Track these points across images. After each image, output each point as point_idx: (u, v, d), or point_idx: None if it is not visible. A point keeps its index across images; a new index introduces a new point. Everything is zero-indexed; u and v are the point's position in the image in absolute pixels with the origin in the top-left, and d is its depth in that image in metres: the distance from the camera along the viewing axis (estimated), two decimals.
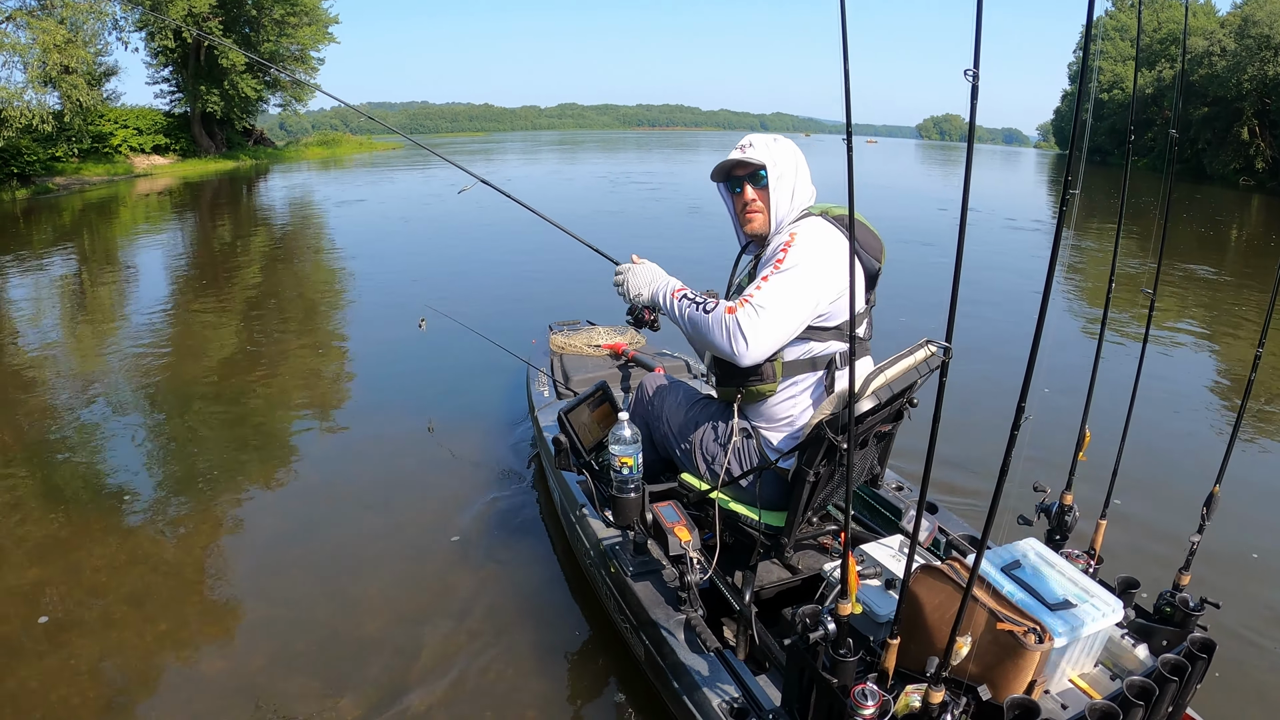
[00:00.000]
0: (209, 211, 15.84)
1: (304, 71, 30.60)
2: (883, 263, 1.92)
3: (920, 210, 15.55)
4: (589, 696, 2.25)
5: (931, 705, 1.32)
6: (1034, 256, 10.11)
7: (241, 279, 8.73)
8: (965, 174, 1.05)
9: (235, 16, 27.01)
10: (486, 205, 12.65)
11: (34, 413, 4.55)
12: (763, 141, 1.92)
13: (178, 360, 5.54)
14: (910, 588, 1.48)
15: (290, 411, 4.57)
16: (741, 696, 1.71)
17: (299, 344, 5.95)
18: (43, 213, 15.00)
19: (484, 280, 8.07)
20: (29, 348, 6.06)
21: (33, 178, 18.07)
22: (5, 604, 2.67)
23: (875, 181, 22.68)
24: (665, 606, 1.99)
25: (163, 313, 7.09)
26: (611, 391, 2.62)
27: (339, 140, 39.73)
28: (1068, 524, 1.91)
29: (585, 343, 3.73)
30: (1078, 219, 15.38)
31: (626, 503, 2.08)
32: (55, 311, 7.41)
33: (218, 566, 2.95)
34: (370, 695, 2.23)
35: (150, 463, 3.90)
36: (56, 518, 3.24)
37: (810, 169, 1.93)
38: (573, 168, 27.96)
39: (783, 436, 1.94)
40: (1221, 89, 29.91)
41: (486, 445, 3.87)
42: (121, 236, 12.57)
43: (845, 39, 1.12)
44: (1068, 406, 2.02)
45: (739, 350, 1.71)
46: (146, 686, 2.30)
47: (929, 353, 1.64)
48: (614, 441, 2.05)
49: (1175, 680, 1.42)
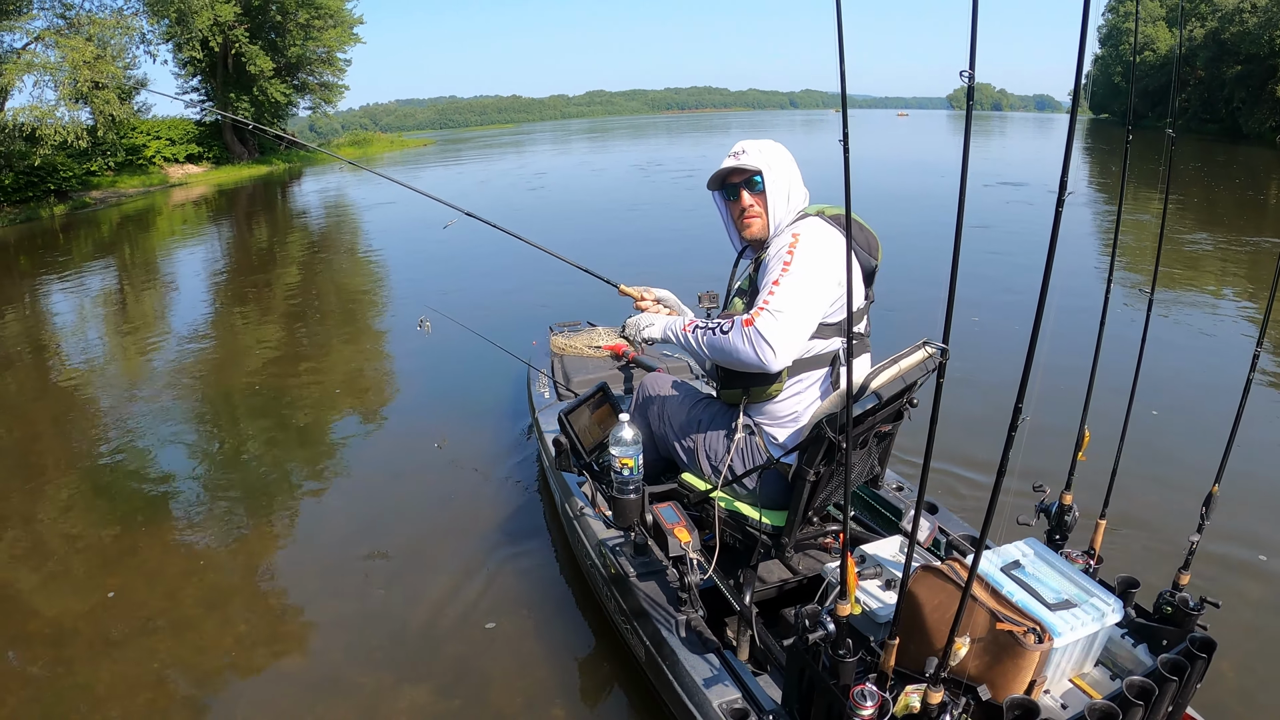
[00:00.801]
0: (245, 217, 16.02)
1: (331, 73, 31.30)
2: (879, 259, 1.94)
3: (951, 186, 15.13)
4: (589, 696, 2.26)
5: (931, 705, 1.32)
6: (1089, 236, 9.71)
7: (280, 282, 8.88)
8: (962, 178, 1.05)
9: (260, 23, 27.32)
10: (518, 206, 12.89)
11: (84, 422, 4.67)
12: (755, 147, 1.94)
13: (221, 365, 5.68)
14: (910, 588, 1.48)
15: (304, 414, 4.58)
16: (741, 696, 1.71)
17: (317, 351, 5.96)
18: (81, 227, 15.22)
19: (503, 281, 8.01)
20: (76, 360, 6.20)
21: (69, 193, 18.28)
22: (80, 610, 2.73)
23: (912, 158, 22.08)
24: (665, 607, 1.99)
25: (204, 319, 7.25)
26: (612, 392, 2.62)
27: (370, 139, 40.13)
28: (1067, 524, 1.91)
29: (586, 344, 3.73)
30: (1114, 185, 15.29)
31: (627, 504, 2.08)
32: (99, 323, 7.57)
33: (274, 566, 3.01)
34: (365, 696, 2.23)
35: (203, 467, 3.97)
36: (117, 525, 3.31)
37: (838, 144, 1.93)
38: (603, 157, 27.85)
39: (787, 433, 1.94)
40: (1254, 46, 29.15)
41: (487, 446, 3.88)
42: (160, 246, 12.75)
43: (841, 44, 1.12)
44: (1156, 423, 1.98)
45: (766, 357, 1.72)
46: (230, 683, 2.36)
47: (927, 354, 1.64)
48: (614, 443, 2.05)
49: (1175, 680, 1.42)
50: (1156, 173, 17.22)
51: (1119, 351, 1.86)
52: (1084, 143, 28.78)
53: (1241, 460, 1.91)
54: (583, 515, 2.45)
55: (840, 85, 1.12)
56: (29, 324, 7.76)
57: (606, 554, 2.24)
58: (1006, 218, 10.35)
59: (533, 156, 29.15)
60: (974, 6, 0.98)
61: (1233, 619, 2.41)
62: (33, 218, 16.35)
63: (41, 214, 16.68)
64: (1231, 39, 30.28)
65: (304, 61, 29.91)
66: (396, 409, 4.55)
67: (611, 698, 2.25)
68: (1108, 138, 30.45)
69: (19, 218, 16.13)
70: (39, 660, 2.48)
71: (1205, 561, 2.50)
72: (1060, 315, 1.71)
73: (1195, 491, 1.76)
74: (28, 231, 14.92)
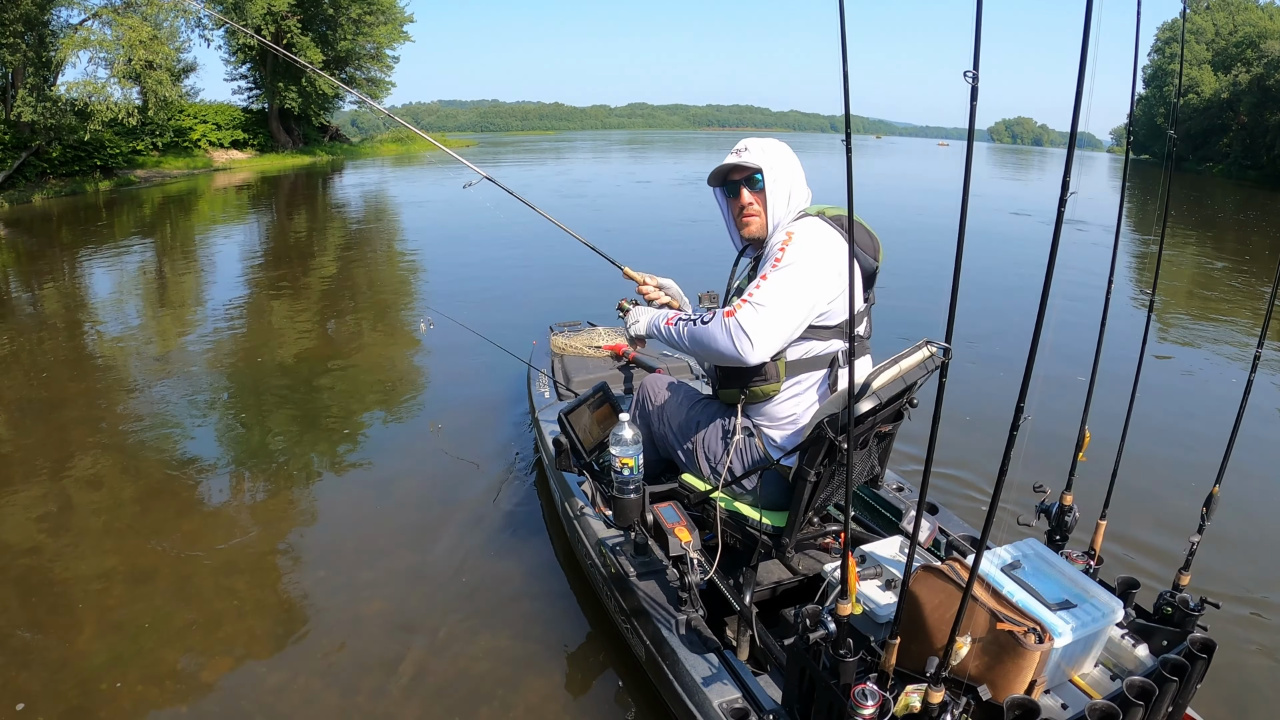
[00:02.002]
0: (285, 205, 16.15)
1: (379, 69, 31.66)
2: (880, 261, 1.93)
3: (995, 217, 14.45)
4: (590, 697, 2.26)
5: (931, 705, 1.33)
6: (1130, 269, 9.70)
7: (317, 270, 9.00)
8: (964, 179, 1.06)
9: (313, 15, 27.55)
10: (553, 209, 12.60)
11: (118, 397, 4.78)
12: (758, 145, 1.94)
13: (254, 347, 5.77)
14: (910, 588, 1.48)
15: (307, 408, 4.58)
16: (741, 696, 1.71)
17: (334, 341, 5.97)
18: (124, 204, 15.48)
19: (538, 278, 7.97)
20: (113, 334, 6.38)
21: (115, 170, 18.61)
22: (124, 576, 2.84)
23: (955, 186, 21.89)
24: (666, 607, 1.99)
25: (239, 302, 7.37)
26: (612, 392, 2.62)
27: (414, 137, 39.93)
28: (1067, 524, 1.91)
29: (586, 344, 3.74)
30: (1152, 222, 15.27)
31: (627, 503, 2.08)
32: (137, 299, 7.73)
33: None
34: (366, 693, 2.23)
35: (229, 444, 4.09)
36: (149, 498, 3.43)
37: (883, 169, 1.95)
38: (646, 168, 27.64)
39: (786, 435, 1.94)
40: None
41: (487, 446, 3.88)
42: (200, 228, 12.92)
43: (844, 43, 1.12)
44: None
45: (744, 349, 1.72)
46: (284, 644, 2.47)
47: (929, 353, 1.64)
48: (614, 442, 2.05)
49: (1175, 680, 1.43)
50: (1195, 212, 17.20)
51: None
52: (1123, 181, 28.57)
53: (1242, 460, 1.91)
54: (583, 515, 2.45)
55: (844, 88, 1.13)
56: (68, 295, 7.96)
57: (607, 554, 2.24)
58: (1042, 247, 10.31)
59: (573, 163, 29.15)
60: (977, 9, 0.98)
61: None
62: (78, 191, 16.65)
63: (86, 188, 16.97)
64: (1276, 86, 30.02)
65: (353, 56, 30.25)
66: (403, 408, 4.55)
67: (611, 697, 2.25)
68: (1146, 178, 30.22)
69: (65, 190, 16.41)
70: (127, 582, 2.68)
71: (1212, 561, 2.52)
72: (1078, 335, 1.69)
73: (1196, 492, 1.76)
74: (72, 205, 15.12)
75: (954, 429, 3.77)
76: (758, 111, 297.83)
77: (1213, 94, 39.67)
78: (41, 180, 16.39)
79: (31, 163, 16.14)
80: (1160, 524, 3.04)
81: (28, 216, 13.78)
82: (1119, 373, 1.91)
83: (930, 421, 1.22)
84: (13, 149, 15.61)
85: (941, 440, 1.25)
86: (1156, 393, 4.61)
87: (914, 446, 3.31)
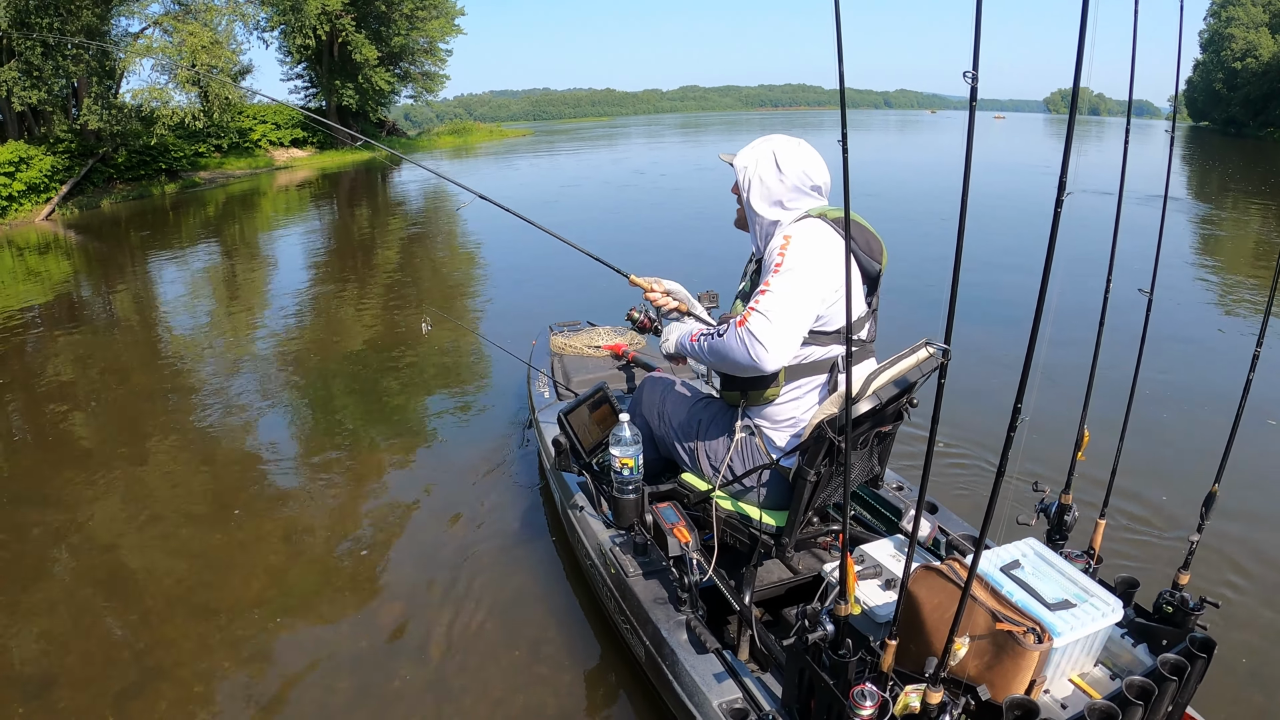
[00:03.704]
0: (346, 201, 16.40)
1: (432, 63, 32.00)
2: (884, 264, 1.91)
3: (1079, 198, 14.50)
4: (589, 697, 2.26)
5: (931, 705, 1.33)
6: (1185, 240, 9.60)
7: (380, 265, 9.15)
8: (964, 180, 1.05)
9: (366, 12, 27.76)
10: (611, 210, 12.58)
11: (190, 391, 4.98)
12: (750, 145, 1.96)
13: (321, 343, 5.92)
14: (910, 588, 1.48)
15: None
16: (742, 696, 1.71)
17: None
18: (190, 206, 15.90)
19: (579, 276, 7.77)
20: (184, 330, 6.67)
21: (180, 173, 18.98)
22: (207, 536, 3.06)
23: (1018, 160, 21.13)
24: (665, 607, 1.99)
25: (307, 298, 7.61)
26: (612, 392, 2.62)
27: (470, 129, 40.71)
28: (1067, 524, 1.91)
29: (586, 344, 3.73)
30: (1212, 191, 15.11)
31: (627, 503, 2.09)
32: (207, 297, 7.98)
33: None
34: (359, 694, 2.24)
35: (303, 436, 4.25)
36: (219, 486, 3.60)
37: (935, 145, 1.92)
38: (704, 152, 26.93)
39: (787, 436, 1.94)
40: None
41: (487, 446, 3.88)
42: (265, 226, 13.18)
43: (840, 41, 1.12)
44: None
45: (759, 357, 1.72)
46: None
47: (928, 354, 1.64)
48: (614, 442, 2.05)
49: (1175, 680, 1.43)
50: (1262, 180, 16.90)
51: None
52: (1182, 150, 28.25)
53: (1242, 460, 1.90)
54: (583, 515, 2.45)
55: (839, 84, 1.12)
56: (139, 295, 8.22)
57: (606, 554, 2.24)
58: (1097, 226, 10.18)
59: (628, 150, 29.08)
60: (977, 9, 0.98)
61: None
62: (145, 195, 17.05)
63: (153, 192, 17.45)
64: None
65: (406, 51, 30.51)
66: (403, 408, 4.55)
67: (611, 697, 2.25)
68: (1206, 145, 29.63)
69: (132, 195, 16.85)
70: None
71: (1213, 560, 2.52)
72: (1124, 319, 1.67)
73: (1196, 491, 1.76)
74: (140, 208, 15.53)
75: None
76: (810, 90, 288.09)
77: (1271, 57, 38.35)
78: (109, 185, 16.81)
79: (98, 169, 16.53)
80: (1159, 523, 3.04)
81: (97, 221, 14.14)
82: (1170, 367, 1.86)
83: (930, 422, 1.22)
84: (79, 156, 15.99)
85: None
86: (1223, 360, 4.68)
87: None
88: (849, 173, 1.24)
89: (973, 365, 4.62)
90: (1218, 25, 44.87)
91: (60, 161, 15.26)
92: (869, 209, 1.91)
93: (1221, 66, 43.23)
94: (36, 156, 14.70)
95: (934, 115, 32.00)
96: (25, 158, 14.43)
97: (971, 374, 4.44)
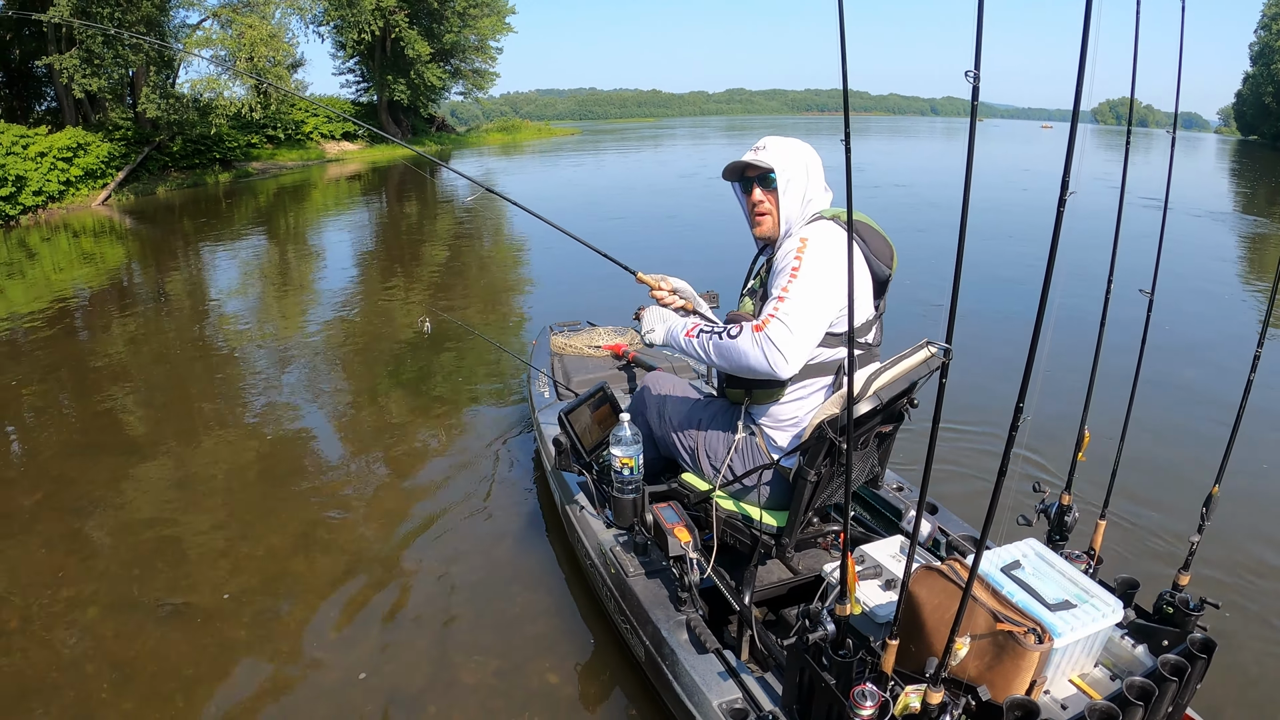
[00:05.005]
0: (396, 195, 16.59)
1: (483, 60, 32.56)
2: (894, 269, 1.90)
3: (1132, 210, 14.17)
4: (589, 696, 2.26)
5: (931, 705, 1.33)
6: (1230, 251, 9.65)
7: (427, 259, 9.32)
8: (965, 179, 1.05)
9: (419, 9, 28.08)
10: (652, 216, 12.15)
11: (240, 375, 5.15)
12: (776, 145, 1.92)
13: (369, 331, 6.03)
14: (910, 588, 1.48)
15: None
16: (742, 696, 1.71)
17: None
18: (243, 195, 16.26)
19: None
20: (234, 316, 6.84)
21: (233, 162, 19.51)
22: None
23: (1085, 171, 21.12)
24: (665, 607, 1.99)
25: (354, 288, 7.78)
26: (612, 392, 2.62)
27: (519, 126, 41.32)
28: (1067, 524, 1.91)
29: (586, 344, 3.73)
30: (1264, 205, 15.06)
31: (627, 503, 2.09)
32: (257, 284, 8.18)
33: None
34: (365, 692, 2.24)
35: (344, 425, 4.33)
36: (266, 469, 3.73)
37: (984, 154, 1.91)
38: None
39: (788, 436, 1.94)
40: None
41: (487, 446, 3.87)
42: (315, 217, 13.43)
43: (844, 45, 1.12)
44: None
45: (777, 364, 1.71)
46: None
47: (929, 354, 1.64)
48: (615, 442, 2.05)
49: (1175, 680, 1.43)
50: None
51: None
52: (1230, 164, 28.06)
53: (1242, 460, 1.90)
54: (583, 515, 2.45)
55: (842, 85, 1.12)
56: (192, 281, 8.44)
57: (606, 554, 2.24)
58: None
59: (672, 151, 28.96)
60: (979, 10, 0.98)
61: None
62: (199, 184, 17.60)
63: (207, 180, 17.96)
64: None
65: (458, 48, 30.92)
66: (402, 407, 4.55)
67: (611, 697, 2.25)
68: (1255, 159, 29.16)
69: (186, 183, 17.40)
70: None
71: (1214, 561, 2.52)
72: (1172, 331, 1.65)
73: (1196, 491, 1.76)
74: (193, 196, 16.06)
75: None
76: (857, 95, 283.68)
77: None
78: (164, 173, 17.27)
79: (154, 156, 16.98)
80: (1160, 523, 3.04)
81: (151, 208, 14.56)
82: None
83: (930, 422, 1.22)
84: (136, 144, 16.40)
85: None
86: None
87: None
88: (850, 172, 1.24)
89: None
90: (1268, 38, 43.83)
91: (117, 149, 15.68)
92: (899, 205, 1.89)
93: (1272, 80, 42.14)
94: (94, 143, 15.12)
95: (982, 123, 32.00)
96: (83, 144, 14.86)
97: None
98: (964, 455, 3.56)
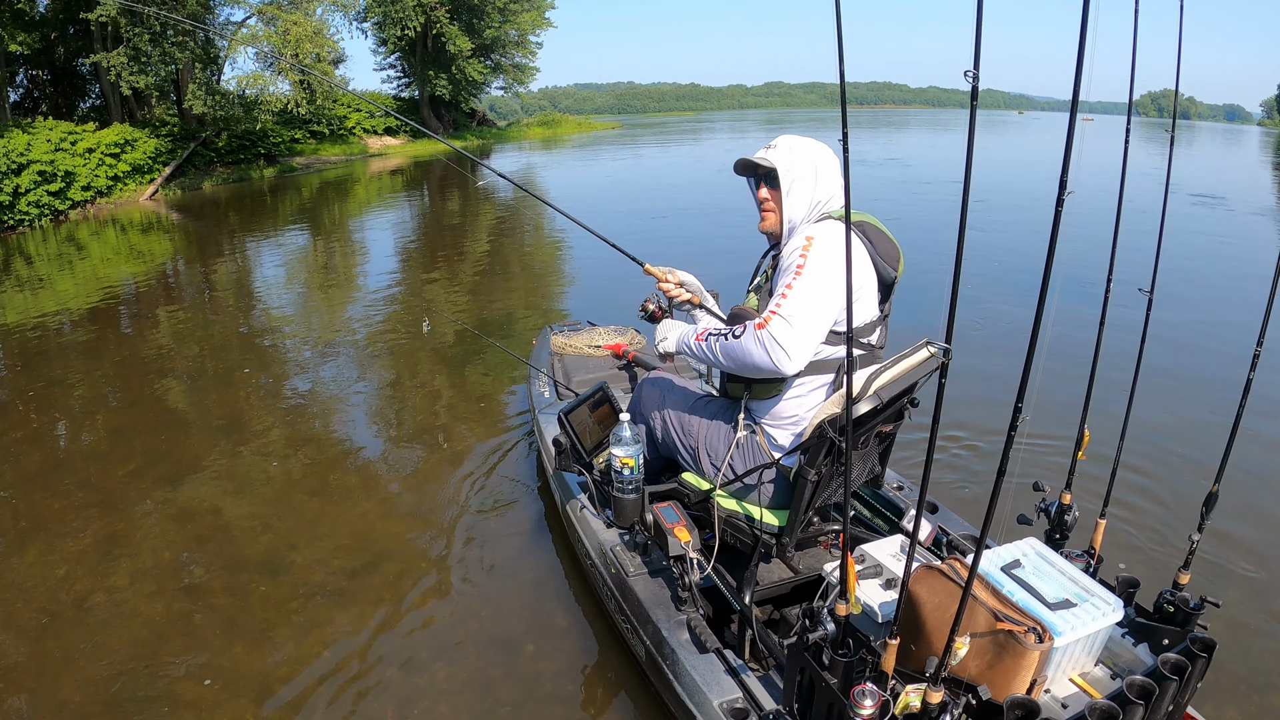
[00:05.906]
0: (437, 189, 16.76)
1: (523, 55, 32.79)
2: (900, 272, 1.90)
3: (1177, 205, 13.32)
4: (589, 695, 2.26)
5: (931, 705, 1.33)
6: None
7: (469, 252, 9.38)
8: (965, 178, 1.06)
9: (460, 5, 28.22)
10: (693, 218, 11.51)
11: (285, 369, 5.26)
12: (786, 145, 1.92)
13: (409, 325, 6.09)
14: (910, 587, 1.48)
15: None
16: (742, 696, 1.71)
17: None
18: (287, 189, 16.53)
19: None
20: (279, 310, 6.99)
21: (277, 158, 19.76)
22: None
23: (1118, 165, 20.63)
24: (666, 606, 1.99)
25: (397, 281, 7.89)
26: (612, 392, 2.62)
27: (559, 121, 41.49)
28: (1067, 523, 1.91)
29: (586, 343, 3.73)
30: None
31: (627, 503, 2.09)
32: (302, 277, 8.34)
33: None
34: (363, 691, 2.24)
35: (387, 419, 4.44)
36: (310, 461, 3.81)
37: (1024, 146, 1.86)
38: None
39: (789, 434, 1.94)
40: None
41: (487, 446, 3.88)
42: (358, 211, 13.55)
43: (841, 43, 1.12)
44: None
45: (780, 361, 1.72)
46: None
47: (929, 354, 1.64)
48: (615, 442, 2.05)
49: (1176, 679, 1.42)
50: None
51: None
52: (1274, 157, 27.71)
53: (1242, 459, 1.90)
54: (583, 515, 2.45)
55: (840, 84, 1.12)
56: (237, 274, 8.59)
57: (607, 553, 2.24)
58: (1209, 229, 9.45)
59: (711, 147, 28.38)
60: (979, 10, 0.98)
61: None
62: (244, 179, 17.88)
63: (252, 175, 18.27)
64: None
65: (498, 43, 31.09)
66: (401, 407, 4.55)
67: (611, 697, 2.25)
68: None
69: (232, 178, 17.69)
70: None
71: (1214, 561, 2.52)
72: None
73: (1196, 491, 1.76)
74: (239, 191, 16.35)
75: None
76: (896, 88, 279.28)
77: None
78: (209, 168, 17.51)
79: (200, 152, 17.19)
80: (1160, 523, 3.04)
81: (197, 202, 14.72)
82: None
83: (930, 422, 1.22)
84: (182, 139, 16.67)
85: None
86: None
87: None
88: (849, 173, 1.24)
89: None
90: None
91: (163, 144, 15.91)
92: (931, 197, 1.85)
93: None
94: (141, 139, 15.36)
95: (1021, 116, 30.99)
96: (130, 140, 15.09)
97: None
98: (964, 455, 3.56)
